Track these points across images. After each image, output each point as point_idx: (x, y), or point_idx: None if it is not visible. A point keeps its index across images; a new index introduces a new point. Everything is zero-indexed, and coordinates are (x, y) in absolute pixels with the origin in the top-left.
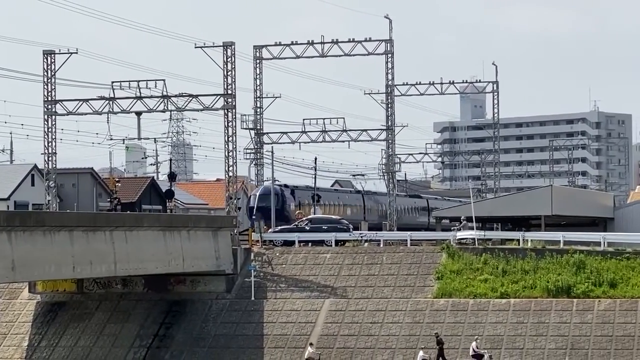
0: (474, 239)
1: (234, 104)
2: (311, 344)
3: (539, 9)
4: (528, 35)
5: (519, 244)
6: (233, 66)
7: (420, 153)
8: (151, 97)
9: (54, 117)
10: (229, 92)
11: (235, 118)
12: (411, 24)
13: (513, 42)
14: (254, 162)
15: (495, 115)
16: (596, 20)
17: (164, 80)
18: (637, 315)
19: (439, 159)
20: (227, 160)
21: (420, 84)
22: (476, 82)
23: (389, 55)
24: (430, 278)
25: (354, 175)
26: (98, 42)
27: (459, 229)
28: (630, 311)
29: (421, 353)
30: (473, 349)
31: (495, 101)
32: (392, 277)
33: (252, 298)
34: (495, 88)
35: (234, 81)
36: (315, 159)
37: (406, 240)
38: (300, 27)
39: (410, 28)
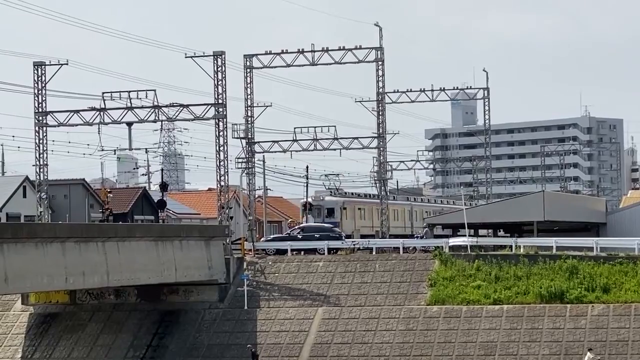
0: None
1: (224, 113)
2: (590, 350)
3: (523, 15)
4: (515, 41)
5: (511, 250)
6: (223, 75)
7: (411, 160)
8: (142, 107)
9: (45, 128)
10: (220, 101)
11: (226, 127)
12: (399, 31)
13: (501, 49)
14: (245, 172)
15: (487, 121)
16: (580, 25)
17: (154, 90)
18: (631, 320)
19: (431, 166)
20: (218, 170)
21: (411, 91)
22: (467, 88)
23: (380, 62)
24: (423, 285)
25: (326, 175)
26: (88, 53)
27: (422, 237)
28: (624, 316)
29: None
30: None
31: (487, 107)
32: (385, 285)
33: (245, 307)
34: (486, 94)
35: (225, 90)
36: (307, 167)
37: (399, 247)
38: (290, 36)
39: (399, 35)
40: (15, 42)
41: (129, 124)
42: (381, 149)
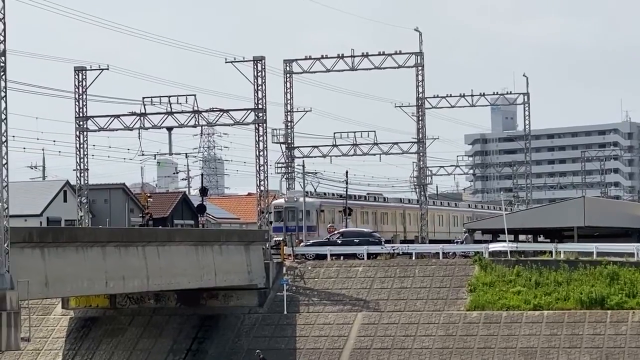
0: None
1: (264, 118)
2: None
3: (563, 19)
4: (555, 46)
5: (551, 256)
6: (263, 80)
7: (451, 165)
8: (182, 112)
9: (85, 133)
10: (260, 106)
11: (266, 132)
12: (439, 36)
13: (541, 53)
14: (285, 176)
15: (527, 126)
16: (620, 30)
17: (194, 95)
18: None
19: (471, 171)
20: (258, 175)
21: (450, 96)
22: (507, 94)
23: (419, 67)
24: (462, 290)
25: (307, 173)
26: (129, 58)
27: (462, 242)
28: None
29: None
30: None
31: (527, 113)
32: (424, 290)
33: (285, 312)
34: (526, 99)
35: (265, 95)
36: (347, 172)
37: (438, 252)
38: (329, 41)
39: (439, 40)
40: (56, 48)
41: (169, 129)
42: (421, 154)
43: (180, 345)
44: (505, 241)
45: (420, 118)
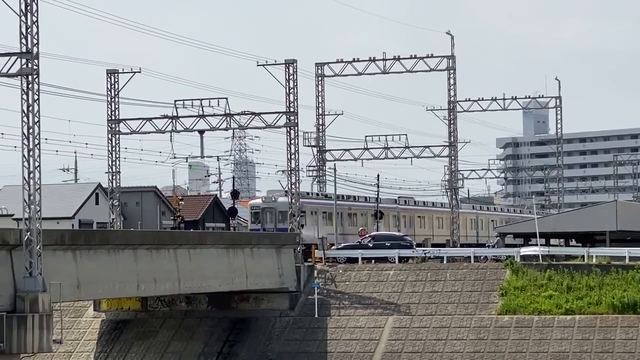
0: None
1: (296, 121)
2: None
3: (595, 22)
4: (587, 49)
5: (583, 260)
6: (295, 84)
7: (483, 169)
8: (214, 115)
9: (117, 136)
10: (291, 109)
11: (297, 135)
12: (471, 40)
13: (573, 57)
14: (316, 180)
15: (559, 130)
16: None
17: (226, 98)
18: None
19: (502, 175)
20: (289, 178)
21: (482, 99)
22: (539, 97)
23: (451, 71)
24: (494, 294)
25: (283, 171)
26: (161, 61)
27: (493, 246)
28: None
29: None
30: None
31: (559, 116)
32: (455, 294)
33: (316, 315)
34: (558, 103)
35: (296, 99)
36: (378, 175)
37: (470, 256)
38: (361, 44)
39: (471, 44)
40: (88, 50)
41: (201, 132)
42: (452, 157)
43: (212, 348)
44: (536, 245)
45: (451, 121)
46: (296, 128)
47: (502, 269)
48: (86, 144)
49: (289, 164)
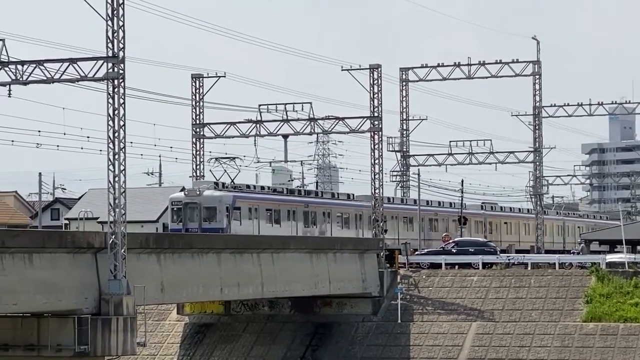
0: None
1: (380, 126)
2: None
3: None
4: None
5: None
6: (379, 88)
7: (568, 175)
8: (298, 119)
9: (202, 140)
10: (376, 114)
11: (381, 140)
12: (556, 45)
13: None
14: (400, 185)
15: None
16: None
17: (310, 103)
18: None
19: (587, 181)
20: (373, 183)
21: (568, 105)
22: (625, 102)
23: (537, 76)
24: (578, 301)
25: (217, 159)
26: (245, 65)
27: (578, 253)
28: None
29: None
30: None
31: None
32: (540, 301)
33: (399, 321)
34: None
35: (381, 103)
36: (462, 181)
37: (554, 263)
38: (444, 49)
39: (556, 48)
40: (173, 55)
41: (285, 137)
42: (537, 163)
43: (294, 353)
44: (622, 252)
45: (537, 127)
46: (380, 133)
47: (587, 275)
48: (171, 147)
49: (372, 168)
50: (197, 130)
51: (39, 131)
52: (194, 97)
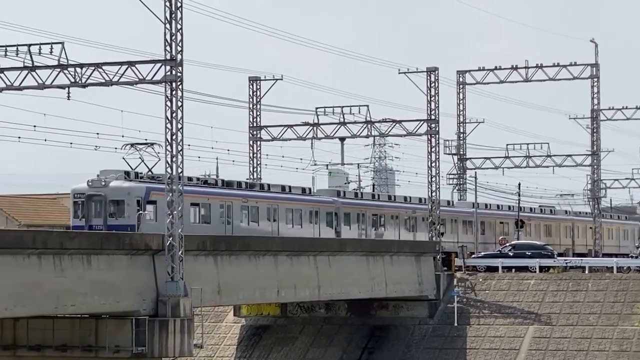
0: None
1: (437, 129)
2: None
3: None
4: None
5: None
6: (437, 91)
7: (626, 178)
8: (355, 122)
9: (259, 142)
10: (433, 117)
11: (438, 143)
12: (614, 47)
13: None
14: (457, 188)
15: None
16: None
17: (367, 105)
18: None
19: None
20: (430, 186)
21: (626, 108)
22: None
23: (595, 79)
24: (637, 306)
25: (132, 145)
26: (302, 68)
27: (637, 256)
28: None
29: None
30: None
31: None
32: (597, 304)
33: (455, 324)
34: None
35: (438, 106)
36: (519, 184)
37: (612, 266)
38: (501, 51)
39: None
40: (231, 58)
41: (342, 139)
42: (595, 166)
43: (350, 355)
44: None
45: (595, 130)
46: (437, 136)
47: None
48: (228, 150)
49: (429, 171)
50: (254, 132)
51: (97, 133)
52: (251, 99)
